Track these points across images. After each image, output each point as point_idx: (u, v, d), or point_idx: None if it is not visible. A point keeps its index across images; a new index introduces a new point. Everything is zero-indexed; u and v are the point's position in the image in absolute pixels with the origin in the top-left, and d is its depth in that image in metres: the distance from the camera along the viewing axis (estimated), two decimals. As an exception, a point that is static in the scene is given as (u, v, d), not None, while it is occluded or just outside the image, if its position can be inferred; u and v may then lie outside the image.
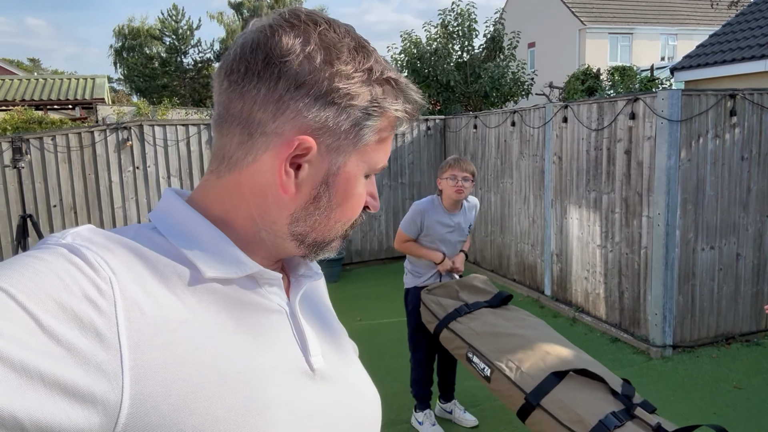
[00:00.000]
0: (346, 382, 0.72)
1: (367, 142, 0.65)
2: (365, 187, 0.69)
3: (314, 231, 0.67)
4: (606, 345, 4.68)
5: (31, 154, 5.77)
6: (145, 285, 0.55)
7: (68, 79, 14.11)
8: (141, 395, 0.51)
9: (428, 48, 11.25)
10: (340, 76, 0.61)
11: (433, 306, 2.95)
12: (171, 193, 0.68)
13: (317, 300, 0.81)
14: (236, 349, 0.59)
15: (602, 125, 4.82)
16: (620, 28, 22.60)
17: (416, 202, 3.26)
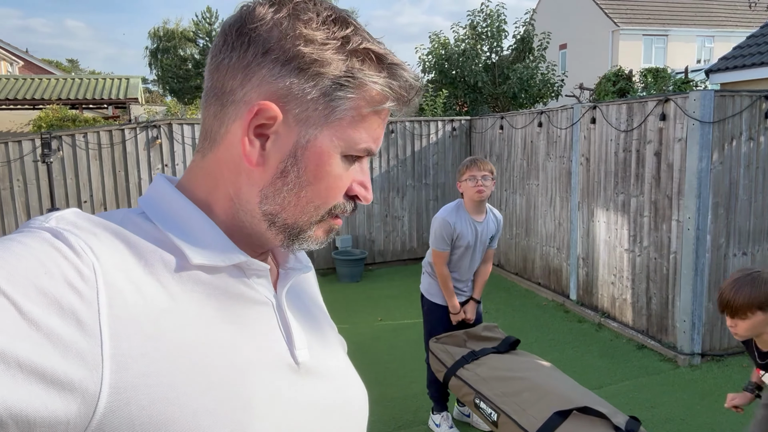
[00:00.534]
0: (331, 375, 0.71)
1: (341, 117, 0.62)
2: (351, 173, 0.65)
3: (284, 211, 0.64)
4: (632, 352, 4.57)
5: (64, 150, 5.93)
6: (129, 271, 0.54)
7: (103, 79, 14.48)
8: (121, 384, 0.50)
9: (456, 49, 11.18)
10: (306, 42, 0.59)
11: (441, 354, 3.00)
12: (161, 178, 0.66)
13: (305, 293, 0.80)
14: (220, 341, 0.58)
15: (631, 126, 4.71)
16: (655, 29, 22.11)
17: (441, 215, 3.18)
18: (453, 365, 2.89)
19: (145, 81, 33.37)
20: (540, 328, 5.18)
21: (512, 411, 2.49)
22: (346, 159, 0.64)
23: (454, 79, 11.17)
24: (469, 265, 3.31)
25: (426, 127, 7.47)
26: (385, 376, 4.22)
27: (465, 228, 3.18)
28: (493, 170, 3.15)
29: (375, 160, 7.26)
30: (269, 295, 0.67)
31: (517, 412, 2.48)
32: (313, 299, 0.82)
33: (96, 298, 0.50)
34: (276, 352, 0.64)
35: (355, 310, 5.76)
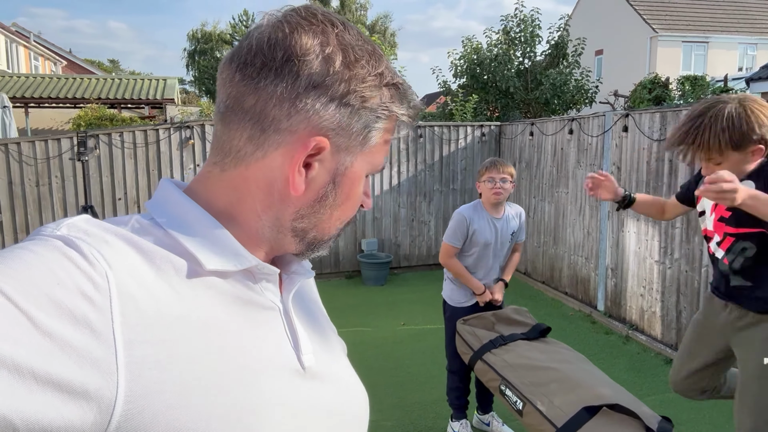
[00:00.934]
0: (335, 380, 0.73)
1: (373, 144, 0.67)
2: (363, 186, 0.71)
3: (316, 228, 0.68)
4: (660, 366, 4.46)
5: (100, 149, 6.10)
6: (141, 278, 0.55)
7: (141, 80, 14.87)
8: (135, 391, 0.50)
9: (489, 54, 11.12)
10: (356, 79, 0.62)
11: (467, 337, 2.94)
12: (168, 183, 0.67)
13: (308, 298, 0.81)
14: (231, 346, 0.59)
15: (664, 135, 4.60)
16: (695, 36, 21.58)
17: (458, 210, 3.21)
18: (480, 349, 2.81)
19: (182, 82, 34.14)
20: (566, 339, 5.08)
21: (539, 402, 2.39)
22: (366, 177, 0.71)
23: (486, 84, 11.10)
24: (491, 265, 3.28)
25: (455, 132, 7.45)
26: (406, 380, 4.21)
27: (483, 225, 3.17)
28: (513, 173, 3.15)
29: (402, 164, 7.27)
30: (276, 300, 0.68)
31: (545, 403, 2.37)
32: (316, 303, 0.84)
33: (109, 306, 0.50)
34: (284, 357, 0.65)
35: (379, 314, 5.77)
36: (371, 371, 4.38)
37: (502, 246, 3.27)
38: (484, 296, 3.23)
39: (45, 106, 13.35)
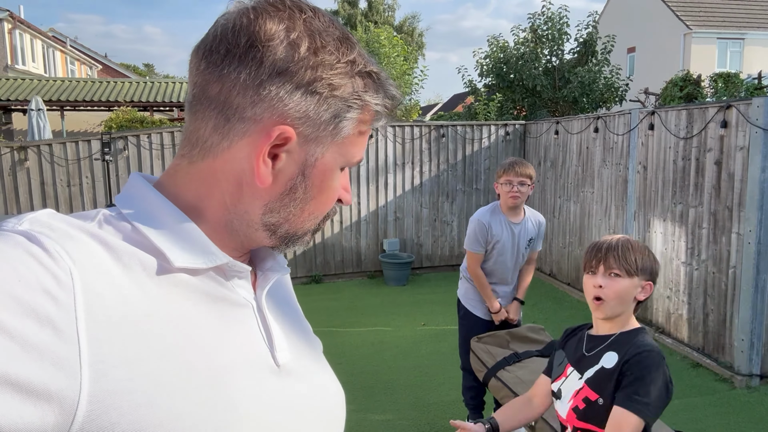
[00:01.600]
0: (310, 377, 0.72)
1: (346, 135, 0.64)
2: (339, 179, 0.68)
3: (287, 222, 0.66)
4: (686, 370, 4.34)
5: (129, 150, 6.26)
6: (107, 275, 0.53)
7: (173, 83, 15.18)
8: (101, 391, 0.49)
9: (515, 52, 10.99)
10: (324, 66, 0.60)
11: (482, 354, 2.96)
12: (138, 177, 0.65)
13: (283, 295, 0.80)
14: (201, 344, 0.58)
15: (691, 133, 4.49)
16: (730, 32, 20.92)
17: (476, 216, 3.16)
18: (494, 366, 2.84)
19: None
20: (588, 341, 5.01)
21: (551, 417, 2.34)
22: (341, 170, 0.68)
23: (512, 82, 10.98)
24: (508, 269, 3.25)
25: (478, 132, 7.39)
26: (424, 380, 4.20)
27: (500, 229, 3.13)
28: (532, 175, 3.07)
29: (425, 164, 7.25)
30: (249, 297, 0.67)
31: (556, 418, 2.35)
32: (291, 300, 0.83)
33: (73, 303, 0.49)
34: (257, 353, 0.64)
35: (399, 314, 5.77)
36: (390, 371, 4.38)
37: (519, 252, 3.22)
38: (499, 315, 3.22)
39: (80, 109, 13.74)
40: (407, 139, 7.15)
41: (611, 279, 1.56)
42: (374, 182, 7.09)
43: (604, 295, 1.56)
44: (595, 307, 1.60)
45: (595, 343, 1.64)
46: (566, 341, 1.80)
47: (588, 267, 1.63)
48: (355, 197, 7.03)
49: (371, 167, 7.05)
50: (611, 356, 1.57)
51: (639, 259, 1.57)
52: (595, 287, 1.58)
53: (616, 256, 1.56)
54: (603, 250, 1.59)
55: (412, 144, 7.18)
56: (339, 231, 7.03)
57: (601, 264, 1.58)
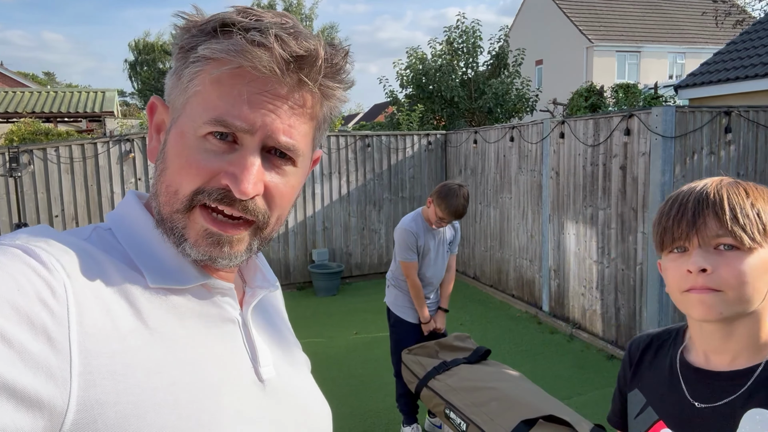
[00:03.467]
0: (296, 394, 0.72)
1: (193, 93, 0.60)
2: (224, 159, 0.59)
3: (159, 204, 0.62)
4: (602, 362, 4.64)
5: (35, 164, 5.86)
6: (98, 290, 0.55)
7: (78, 93, 14.34)
8: (88, 402, 0.50)
9: (433, 64, 11.33)
10: (178, 38, 0.62)
11: (413, 366, 3.08)
12: (132, 195, 0.67)
13: (272, 311, 0.80)
14: (187, 359, 0.59)
15: (598, 141, 4.83)
16: (628, 46, 22.65)
17: (403, 226, 3.26)
18: (425, 376, 2.95)
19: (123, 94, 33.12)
20: (513, 340, 5.23)
21: (481, 421, 2.54)
22: (213, 141, 0.59)
23: (431, 93, 11.31)
24: (438, 273, 3.39)
25: (402, 141, 7.55)
26: (359, 389, 4.22)
27: (425, 235, 3.29)
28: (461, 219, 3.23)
29: (351, 174, 7.30)
30: (235, 313, 0.67)
31: (486, 422, 2.53)
32: (280, 317, 0.83)
33: (66, 315, 0.50)
34: (241, 369, 0.65)
35: (331, 324, 5.76)
36: (324, 381, 4.33)
37: (442, 255, 3.38)
38: (428, 326, 3.36)
39: (-27, 121, 12.68)
40: (333, 149, 7.18)
41: (720, 255, 0.88)
42: (301, 192, 7.01)
43: (714, 283, 0.88)
44: (698, 306, 0.89)
45: (715, 386, 0.94)
46: (638, 366, 1.09)
47: (668, 241, 0.94)
48: (281, 208, 6.95)
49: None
50: (762, 416, 0.88)
51: (765, 212, 0.89)
52: (690, 275, 0.90)
53: (723, 213, 0.88)
54: (695, 208, 0.91)
55: (338, 154, 7.22)
56: (265, 243, 6.92)
57: (694, 233, 0.90)
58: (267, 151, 0.62)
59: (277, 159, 0.63)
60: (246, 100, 0.58)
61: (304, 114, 0.63)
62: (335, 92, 0.65)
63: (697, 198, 0.91)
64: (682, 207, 0.92)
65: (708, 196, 0.90)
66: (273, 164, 0.63)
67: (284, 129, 0.61)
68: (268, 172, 0.62)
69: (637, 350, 1.11)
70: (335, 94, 0.65)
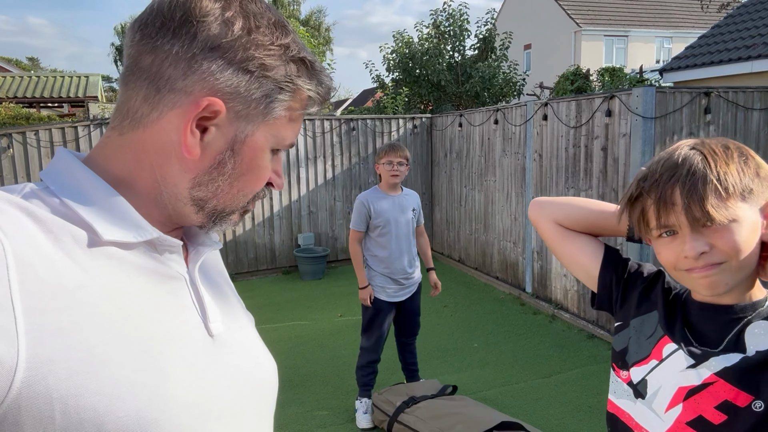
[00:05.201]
0: (244, 348, 0.74)
1: (277, 116, 0.67)
2: (271, 162, 0.71)
3: (215, 198, 0.67)
4: (583, 341, 4.71)
5: (14, 148, 5.79)
6: (39, 247, 0.53)
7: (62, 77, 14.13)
8: (37, 358, 0.50)
9: (420, 48, 11.28)
10: (256, 46, 0.62)
11: (383, 405, 3.32)
12: (65, 152, 0.65)
13: (215, 270, 0.82)
14: (135, 314, 0.59)
15: (580, 123, 4.85)
16: (615, 30, 22.65)
17: (358, 197, 3.41)
18: (394, 412, 3.20)
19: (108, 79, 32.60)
20: (496, 321, 5.29)
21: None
22: (272, 152, 0.70)
23: (418, 77, 11.26)
24: (403, 237, 3.44)
25: (387, 125, 7.53)
26: (342, 369, 4.26)
27: (383, 203, 3.38)
28: (408, 157, 3.39)
29: (336, 158, 7.29)
30: (182, 270, 0.68)
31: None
32: (223, 275, 0.84)
33: (6, 274, 0.49)
34: (192, 324, 0.66)
35: (316, 307, 5.78)
36: (308, 364, 4.40)
37: (406, 221, 3.45)
38: (365, 292, 3.41)
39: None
40: (318, 133, 7.15)
41: (711, 230, 0.87)
42: (286, 176, 7.03)
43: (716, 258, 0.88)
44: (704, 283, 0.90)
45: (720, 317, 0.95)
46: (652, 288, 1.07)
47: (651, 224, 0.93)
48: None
49: (282, 161, 6.97)
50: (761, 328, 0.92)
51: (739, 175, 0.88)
52: (687, 259, 0.89)
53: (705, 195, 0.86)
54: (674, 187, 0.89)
55: (323, 138, 7.19)
56: (251, 227, 6.92)
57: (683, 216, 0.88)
58: None
59: None
60: (300, 127, 0.73)
61: None
62: None
63: (669, 181, 0.89)
64: (662, 191, 0.90)
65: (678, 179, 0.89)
66: None
67: None
68: None
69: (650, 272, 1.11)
70: None
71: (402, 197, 3.47)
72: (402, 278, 3.44)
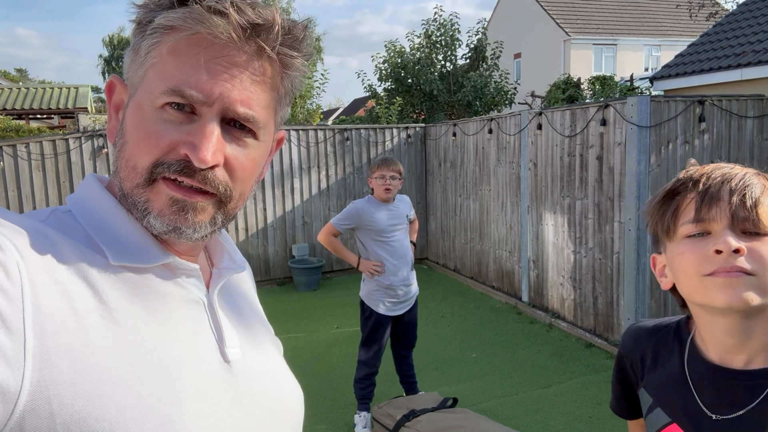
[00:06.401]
0: (263, 374, 0.72)
1: (150, 65, 0.60)
2: (182, 130, 0.59)
3: (121, 179, 0.62)
4: (580, 350, 4.69)
5: (4, 161, 5.72)
6: (54, 270, 0.54)
7: (51, 89, 14.03)
8: (43, 381, 0.49)
9: (412, 57, 11.31)
10: (139, 14, 0.62)
11: (383, 419, 3.29)
12: (92, 177, 0.67)
13: (240, 294, 0.80)
14: (148, 339, 0.58)
15: (575, 132, 4.86)
16: (604, 39, 22.86)
17: (354, 202, 3.43)
18: (394, 426, 3.16)
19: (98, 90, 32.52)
20: (493, 331, 5.26)
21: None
22: (171, 112, 0.59)
23: (410, 87, 11.29)
24: (399, 254, 3.42)
25: (381, 135, 7.52)
26: (340, 382, 4.21)
27: (377, 212, 3.37)
28: (401, 171, 3.40)
29: (331, 168, 7.26)
30: (201, 294, 0.67)
31: None
32: (248, 300, 0.82)
33: (21, 295, 0.49)
34: (206, 349, 0.64)
35: (312, 319, 5.73)
36: (305, 376, 4.34)
37: (403, 229, 3.48)
38: (365, 265, 3.40)
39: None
40: (312, 143, 7.13)
41: (749, 238, 0.81)
42: (280, 187, 7.00)
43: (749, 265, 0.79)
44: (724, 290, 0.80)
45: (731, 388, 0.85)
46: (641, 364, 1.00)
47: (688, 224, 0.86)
48: (260, 203, 6.90)
49: (276, 172, 6.95)
50: None
51: None
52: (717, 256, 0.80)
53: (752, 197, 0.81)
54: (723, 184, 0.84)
55: (317, 147, 7.17)
56: (245, 238, 6.86)
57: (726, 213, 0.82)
58: (227, 123, 0.61)
59: (236, 131, 0.62)
60: (203, 69, 0.58)
61: (263, 83, 0.62)
62: (294, 61, 0.64)
63: (721, 181, 0.84)
64: (707, 189, 0.84)
65: (731, 180, 0.83)
66: (233, 136, 0.62)
67: (242, 99, 0.60)
68: (229, 144, 0.62)
69: (636, 342, 1.01)
70: (294, 63, 0.65)
71: (396, 206, 3.47)
72: (402, 286, 3.41)
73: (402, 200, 3.56)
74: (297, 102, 11.59)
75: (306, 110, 11.82)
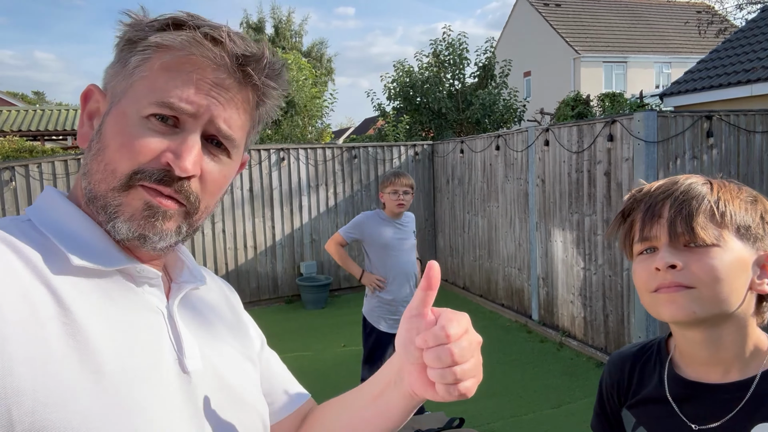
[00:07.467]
0: (225, 386, 0.71)
1: (139, 78, 0.63)
2: (166, 140, 0.62)
3: (91, 181, 0.63)
4: (592, 370, 4.60)
5: (17, 181, 5.80)
6: (15, 276, 0.54)
7: (66, 110, 14.30)
8: (2, 390, 0.49)
9: (420, 76, 11.39)
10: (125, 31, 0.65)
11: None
12: (50, 189, 0.68)
13: (206, 306, 0.79)
14: (109, 347, 0.57)
15: (582, 147, 4.83)
16: (614, 56, 22.89)
17: (364, 213, 3.44)
18: None
19: (113, 112, 32.96)
20: (503, 350, 5.19)
21: None
22: (155, 123, 0.62)
23: (419, 105, 11.35)
24: (404, 270, 3.40)
25: (389, 152, 7.54)
26: (345, 402, 4.16)
27: (384, 227, 3.36)
28: (413, 185, 3.38)
29: (339, 185, 7.27)
30: (161, 304, 0.67)
31: None
32: (216, 311, 0.81)
33: None
34: (164, 359, 0.64)
35: (318, 337, 5.69)
36: (312, 395, 4.29)
37: (410, 245, 3.46)
38: (367, 278, 3.38)
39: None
40: (320, 161, 7.16)
41: (691, 252, 0.82)
42: (288, 205, 7.02)
43: (686, 280, 0.81)
44: (667, 305, 0.83)
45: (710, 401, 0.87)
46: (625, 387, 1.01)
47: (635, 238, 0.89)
48: (269, 221, 6.92)
49: (285, 190, 6.98)
50: None
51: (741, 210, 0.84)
52: (657, 273, 0.83)
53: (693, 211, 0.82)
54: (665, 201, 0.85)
55: (324, 166, 7.20)
56: (253, 256, 6.87)
57: (665, 229, 0.84)
58: (205, 138, 0.65)
59: (213, 147, 0.66)
60: (194, 84, 0.62)
61: (244, 108, 0.67)
62: (273, 93, 0.70)
63: (662, 196, 0.86)
64: (648, 207, 0.87)
65: (671, 194, 0.85)
66: (210, 151, 0.66)
67: (225, 117, 0.65)
68: (205, 158, 0.65)
69: (619, 370, 1.02)
70: (273, 95, 0.70)
71: (403, 223, 3.47)
72: (404, 303, 3.39)
73: (408, 217, 3.56)
74: (307, 122, 11.69)
75: (316, 129, 11.91)
